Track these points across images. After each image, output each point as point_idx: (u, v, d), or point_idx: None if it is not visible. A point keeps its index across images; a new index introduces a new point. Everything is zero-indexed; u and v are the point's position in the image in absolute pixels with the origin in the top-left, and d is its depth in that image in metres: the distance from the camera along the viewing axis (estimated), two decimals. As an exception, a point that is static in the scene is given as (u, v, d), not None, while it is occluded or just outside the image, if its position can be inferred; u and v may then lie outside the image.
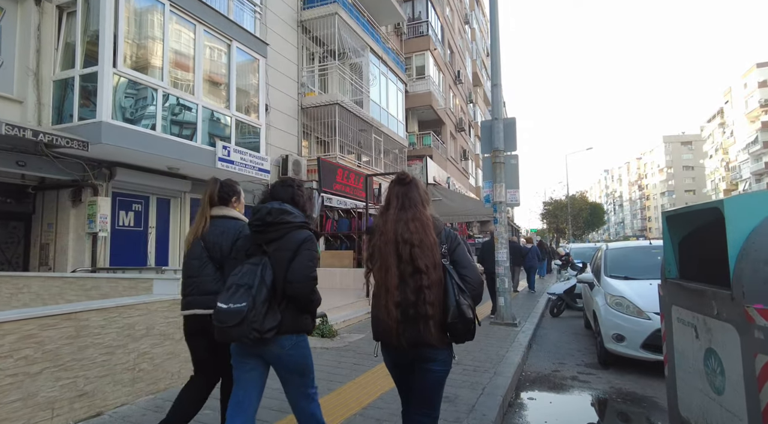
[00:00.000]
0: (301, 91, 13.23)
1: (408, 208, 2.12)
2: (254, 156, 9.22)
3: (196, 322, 2.49)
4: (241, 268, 2.14)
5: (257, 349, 2.11)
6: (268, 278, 2.08)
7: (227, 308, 2.01)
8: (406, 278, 2.01)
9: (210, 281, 2.51)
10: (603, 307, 5.21)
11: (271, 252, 2.15)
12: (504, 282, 7.41)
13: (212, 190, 2.65)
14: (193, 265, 2.55)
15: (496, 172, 7.60)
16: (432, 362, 2.04)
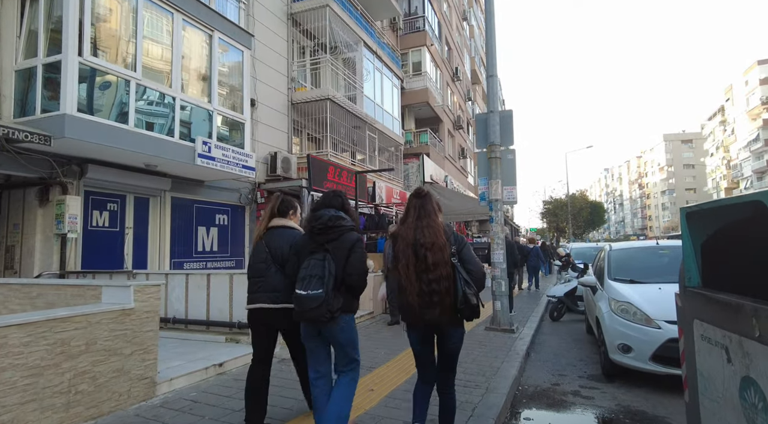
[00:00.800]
0: (291, 86, 12.76)
1: (423, 217, 2.68)
2: (238, 152, 8.76)
3: (262, 314, 3.02)
4: (308, 262, 2.65)
5: (320, 327, 2.65)
6: (333, 270, 2.61)
7: (306, 294, 2.54)
8: (421, 273, 2.57)
9: (274, 279, 2.98)
10: (607, 314, 4.75)
11: (331, 249, 2.66)
12: (501, 285, 6.95)
13: (274, 205, 3.21)
14: (259, 267, 3.06)
15: (492, 168, 7.15)
16: (449, 336, 2.69)
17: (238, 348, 5.10)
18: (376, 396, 3.86)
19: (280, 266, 3.00)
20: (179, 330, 5.88)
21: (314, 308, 2.53)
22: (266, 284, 3.00)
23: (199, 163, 7.89)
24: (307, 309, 2.55)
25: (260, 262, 3.06)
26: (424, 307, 2.55)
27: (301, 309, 2.58)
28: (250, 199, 10.93)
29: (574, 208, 44.41)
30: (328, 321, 2.59)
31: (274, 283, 2.97)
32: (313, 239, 2.73)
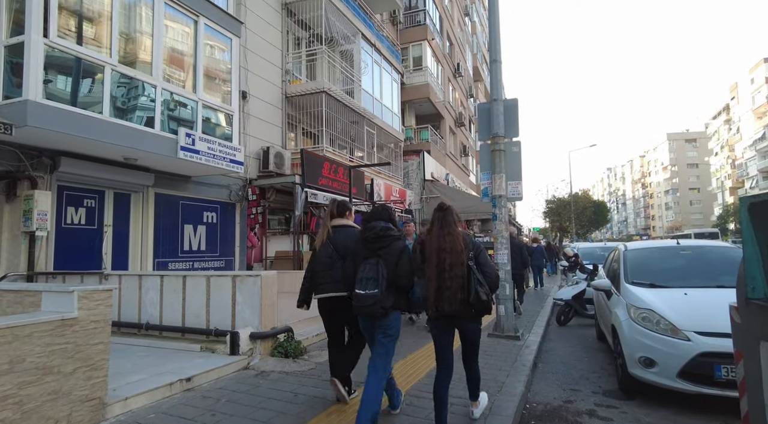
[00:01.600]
0: (285, 78, 12.25)
1: (444, 227, 3.12)
2: (225, 146, 8.24)
3: (331, 303, 3.51)
4: (364, 266, 3.09)
5: (375, 320, 3.14)
6: (385, 273, 3.03)
7: (365, 294, 3.01)
8: (441, 272, 2.99)
9: (339, 273, 3.38)
10: (626, 322, 4.22)
11: (382, 255, 3.10)
12: (504, 288, 6.41)
13: (332, 208, 3.73)
14: (326, 262, 3.52)
15: (496, 162, 6.61)
16: (465, 328, 3.18)
17: (213, 359, 4.58)
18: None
19: (344, 260, 3.43)
20: (152, 337, 5.37)
21: (370, 305, 3.02)
22: (333, 276, 3.50)
23: (182, 156, 7.38)
24: (365, 305, 3.04)
25: (327, 257, 3.57)
26: (439, 300, 2.99)
27: (360, 305, 3.07)
28: (241, 196, 10.42)
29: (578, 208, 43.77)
30: (381, 316, 3.09)
31: (339, 275, 3.42)
32: (367, 246, 3.20)
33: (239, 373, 4.47)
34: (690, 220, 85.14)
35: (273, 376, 4.36)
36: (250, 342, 4.80)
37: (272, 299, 5.08)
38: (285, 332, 5.14)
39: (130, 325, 5.60)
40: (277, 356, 4.91)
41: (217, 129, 8.41)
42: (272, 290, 5.06)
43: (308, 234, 10.96)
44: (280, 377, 4.34)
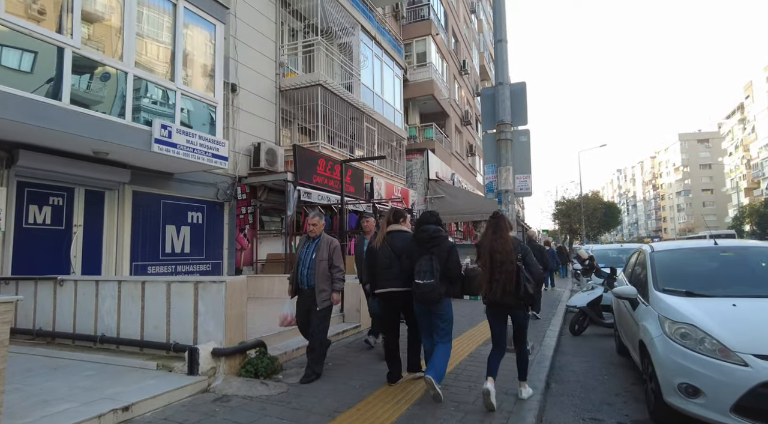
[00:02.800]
0: (279, 71, 11.61)
1: (497, 232, 3.82)
2: (206, 140, 7.59)
3: (391, 296, 4.21)
4: (420, 262, 3.84)
5: (430, 306, 3.88)
6: (438, 267, 3.79)
7: (424, 283, 3.76)
8: (493, 269, 3.70)
9: (397, 270, 4.11)
10: (659, 339, 3.46)
11: (435, 253, 3.86)
12: (512, 295, 5.67)
13: (389, 215, 4.47)
14: (385, 262, 4.17)
15: (502, 153, 5.88)
16: (515, 315, 3.86)
17: (167, 380, 3.89)
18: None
19: (399, 260, 4.09)
20: (108, 352, 4.70)
21: (428, 292, 3.71)
22: (392, 273, 4.11)
23: (157, 150, 6.74)
24: (424, 293, 3.73)
25: (386, 258, 4.16)
26: (491, 291, 3.67)
27: (420, 293, 3.76)
28: (230, 195, 9.76)
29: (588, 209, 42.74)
30: (437, 302, 3.79)
31: (397, 273, 4.08)
32: (421, 245, 3.93)
33: (195, 397, 3.78)
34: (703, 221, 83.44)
35: (234, 402, 3.66)
36: (212, 360, 4.10)
37: (240, 309, 4.39)
38: (256, 347, 4.43)
39: (85, 337, 4.94)
40: (245, 375, 4.22)
41: (199, 121, 7.76)
42: (240, 299, 4.37)
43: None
44: (242, 403, 3.64)
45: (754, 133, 62.19)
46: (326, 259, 4.48)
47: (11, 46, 5.21)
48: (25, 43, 5.33)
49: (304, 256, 4.59)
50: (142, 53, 6.83)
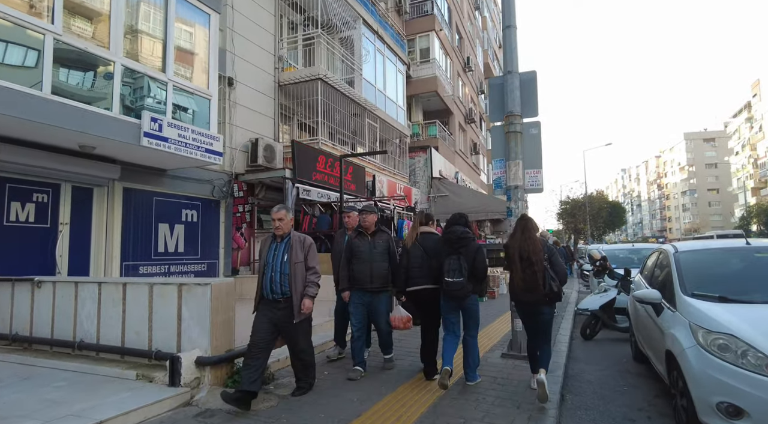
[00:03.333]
0: (278, 65, 11.25)
1: (525, 232, 4.13)
2: (200, 134, 7.24)
3: (422, 294, 4.46)
4: (449, 260, 4.14)
5: (459, 302, 4.22)
6: (466, 266, 4.08)
7: (453, 281, 4.07)
8: (524, 268, 3.97)
9: (428, 270, 4.39)
10: (692, 351, 3.08)
11: (463, 253, 4.14)
12: (522, 298, 5.30)
13: (420, 218, 4.85)
14: (417, 261, 4.45)
15: (511, 146, 5.51)
16: (541, 311, 4.04)
17: (145, 392, 3.54)
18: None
19: (431, 259, 4.37)
20: (87, 359, 4.36)
21: (458, 289, 4.10)
22: (424, 272, 4.40)
23: (147, 144, 6.39)
24: (454, 290, 4.12)
25: (418, 257, 4.44)
26: (523, 289, 4.02)
27: (450, 290, 4.13)
28: (226, 193, 9.42)
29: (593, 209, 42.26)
30: (465, 298, 4.19)
31: (428, 271, 4.38)
32: (450, 245, 4.24)
33: (176, 412, 3.42)
34: (709, 221, 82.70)
35: (218, 417, 3.31)
36: (195, 370, 3.75)
37: (227, 314, 4.04)
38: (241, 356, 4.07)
39: (63, 343, 4.60)
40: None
41: (192, 115, 7.42)
42: (227, 303, 4.02)
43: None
44: (227, 419, 3.28)
45: (761, 132, 61.45)
46: (302, 260, 3.90)
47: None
48: (2, 29, 4.99)
49: (272, 259, 3.89)
50: (131, 42, 6.49)
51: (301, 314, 3.84)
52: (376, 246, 4.62)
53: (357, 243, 4.68)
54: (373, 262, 4.56)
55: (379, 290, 4.62)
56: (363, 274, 4.58)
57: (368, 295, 4.61)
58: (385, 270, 4.61)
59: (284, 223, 4.00)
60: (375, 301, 4.63)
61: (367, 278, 4.57)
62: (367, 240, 4.67)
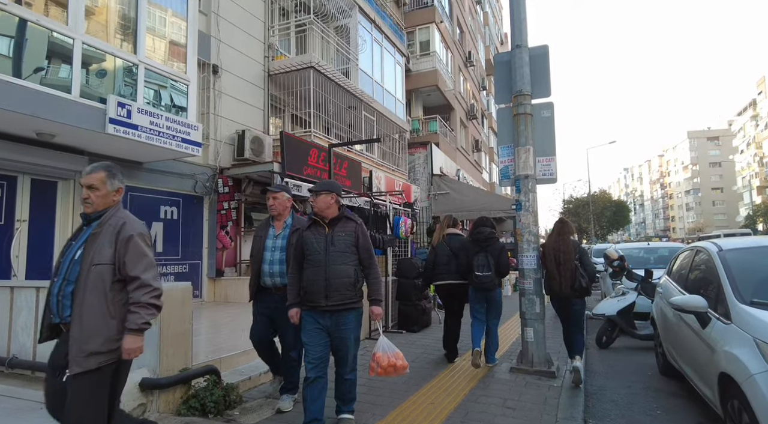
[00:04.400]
0: (268, 54, 10.59)
1: (561, 235, 4.57)
2: (175, 122, 6.57)
3: (450, 288, 5.06)
4: (478, 258, 4.67)
5: (487, 294, 4.78)
6: (492, 262, 4.64)
7: (483, 275, 4.62)
8: (558, 266, 4.44)
9: (454, 267, 4.96)
10: (764, 377, 2.39)
11: (489, 251, 4.68)
12: (534, 304, 4.61)
13: (448, 220, 5.39)
14: (444, 259, 5.04)
15: (520, 130, 4.82)
16: (573, 303, 4.52)
17: None
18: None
19: (456, 258, 4.98)
20: (19, 379, 3.68)
21: (487, 282, 4.64)
22: (449, 268, 5.02)
23: (113, 131, 5.72)
24: (483, 283, 4.65)
25: (444, 255, 5.08)
26: (558, 285, 4.44)
27: (479, 282, 4.67)
28: (210, 188, 8.75)
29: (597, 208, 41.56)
30: (492, 289, 4.74)
31: (453, 268, 4.98)
32: (478, 244, 4.77)
33: (108, 451, 2.74)
34: (713, 221, 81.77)
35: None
36: (140, 394, 3.08)
37: (183, 326, 3.36)
38: (206, 375, 3.40)
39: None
40: (187, 413, 3.18)
41: (166, 101, 6.76)
42: (182, 312, 3.35)
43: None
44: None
45: (767, 130, 60.62)
46: None
47: None
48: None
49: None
50: (95, 19, 5.82)
51: None
52: (335, 242, 3.07)
53: (308, 237, 3.12)
54: (330, 265, 3.01)
55: (340, 309, 3.03)
56: (315, 284, 3.03)
57: (326, 317, 3.04)
58: (348, 277, 3.03)
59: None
60: (337, 325, 3.06)
61: (321, 290, 3.00)
62: (322, 233, 3.11)
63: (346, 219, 3.18)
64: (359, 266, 3.15)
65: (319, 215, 3.15)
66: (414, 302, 6.66)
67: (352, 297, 3.06)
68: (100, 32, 5.85)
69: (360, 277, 3.13)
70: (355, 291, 3.07)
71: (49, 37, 5.25)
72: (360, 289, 3.14)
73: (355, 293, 3.08)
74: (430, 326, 7.11)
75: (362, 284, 3.17)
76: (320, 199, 3.12)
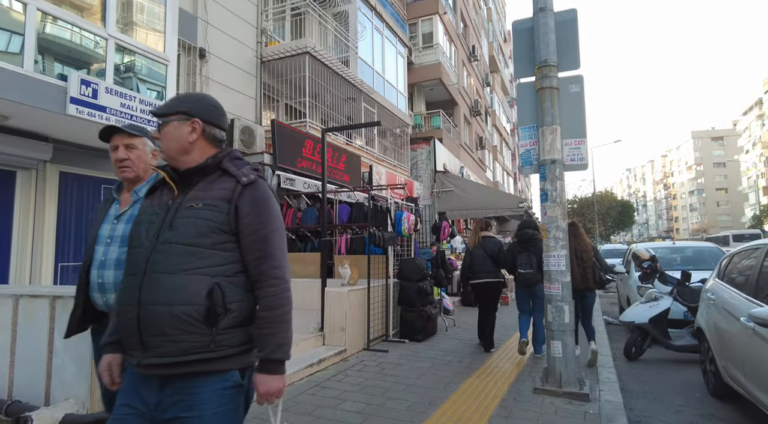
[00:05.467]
0: (261, 39, 9.87)
1: (577, 236, 5.11)
2: (151, 106, 5.85)
3: (484, 285, 5.57)
4: (521, 257, 5.18)
5: (529, 290, 5.22)
6: (535, 260, 5.06)
7: (526, 272, 5.12)
8: (582, 264, 5.04)
9: (489, 266, 5.53)
10: None
11: (531, 250, 5.16)
12: (563, 313, 3.87)
13: (481, 224, 6.03)
14: (480, 260, 5.57)
15: (545, 107, 4.08)
16: (587, 296, 5.14)
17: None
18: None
19: (491, 259, 5.55)
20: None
21: (530, 278, 5.12)
22: (484, 268, 5.54)
23: (75, 113, 5.00)
24: (526, 279, 5.15)
25: (479, 256, 5.59)
26: (579, 280, 4.93)
27: (523, 279, 5.19)
28: (195, 182, 8.01)
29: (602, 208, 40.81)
30: (535, 285, 5.10)
31: (490, 268, 5.54)
32: (521, 244, 5.32)
33: None
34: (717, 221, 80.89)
35: None
36: (63, 436, 2.33)
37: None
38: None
39: None
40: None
41: (141, 82, 6.04)
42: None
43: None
44: None
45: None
46: None
47: None
48: None
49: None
50: (56, -16, 5.10)
51: None
52: (175, 221, 1.42)
53: (141, 214, 1.54)
54: (151, 274, 1.37)
55: (176, 373, 1.37)
56: (123, 314, 1.41)
57: (151, 387, 1.39)
58: (190, 301, 1.34)
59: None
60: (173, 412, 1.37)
61: (132, 326, 1.37)
62: (165, 202, 1.50)
63: (221, 173, 1.53)
64: (237, 275, 1.45)
65: (169, 167, 1.58)
66: (418, 307, 5.92)
67: (201, 346, 1.36)
68: (63, 1, 5.13)
69: (231, 301, 1.40)
70: (209, 333, 1.36)
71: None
72: (236, 328, 1.41)
73: (211, 338, 1.36)
74: (435, 334, 6.38)
75: (241, 315, 1.43)
76: (167, 132, 1.54)
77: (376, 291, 5.85)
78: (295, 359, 4.46)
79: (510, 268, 5.41)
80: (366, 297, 5.58)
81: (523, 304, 5.36)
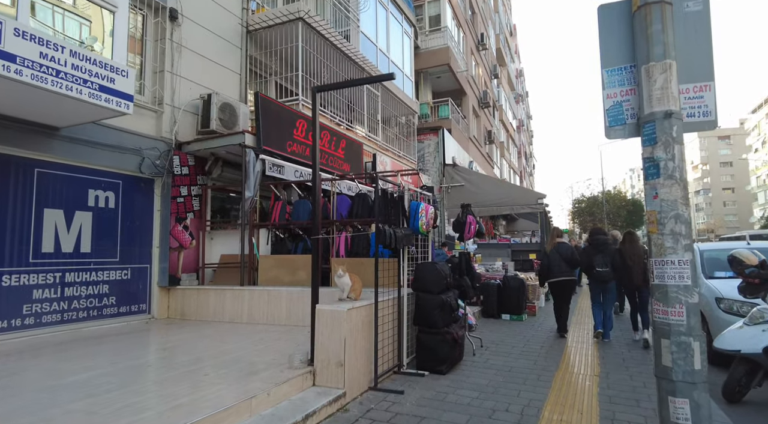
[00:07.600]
0: (247, 6, 8.43)
1: (632, 243, 6.39)
2: (87, 60, 4.42)
3: (562, 283, 6.74)
4: (597, 258, 6.45)
5: (603, 286, 6.49)
6: (608, 261, 6.42)
7: (603, 270, 6.41)
8: (633, 265, 6.21)
9: (564, 267, 6.66)
10: None
11: (604, 252, 6.49)
12: (690, 354, 2.42)
13: (557, 231, 7.25)
14: (556, 262, 6.71)
15: (651, 32, 2.62)
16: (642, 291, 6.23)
17: None
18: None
19: (564, 261, 6.65)
20: None
21: (606, 276, 6.35)
22: (561, 269, 6.67)
23: (-32, 61, 3.57)
24: (603, 276, 6.38)
25: (556, 259, 6.72)
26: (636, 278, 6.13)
27: (599, 276, 6.41)
28: (162, 168, 6.58)
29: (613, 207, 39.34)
30: (609, 282, 6.40)
31: (565, 268, 6.67)
32: (595, 247, 6.58)
33: None
34: (724, 222, 79.31)
35: None
36: None
37: None
38: None
39: None
40: None
41: (75, 31, 4.60)
42: None
43: (270, 229, 7.00)
44: None
45: (784, 127, 58.22)
46: None
47: None
48: None
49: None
50: None
51: None
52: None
53: None
54: None
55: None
56: None
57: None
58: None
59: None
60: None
61: None
62: None
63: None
64: None
65: None
66: (441, 328, 4.46)
67: None
68: None
69: None
70: None
71: None
72: None
73: None
74: (461, 361, 4.92)
75: None
76: None
77: (386, 306, 4.41)
78: (267, 415, 3.02)
79: (585, 268, 6.70)
80: (373, 316, 4.13)
81: (596, 297, 6.55)
